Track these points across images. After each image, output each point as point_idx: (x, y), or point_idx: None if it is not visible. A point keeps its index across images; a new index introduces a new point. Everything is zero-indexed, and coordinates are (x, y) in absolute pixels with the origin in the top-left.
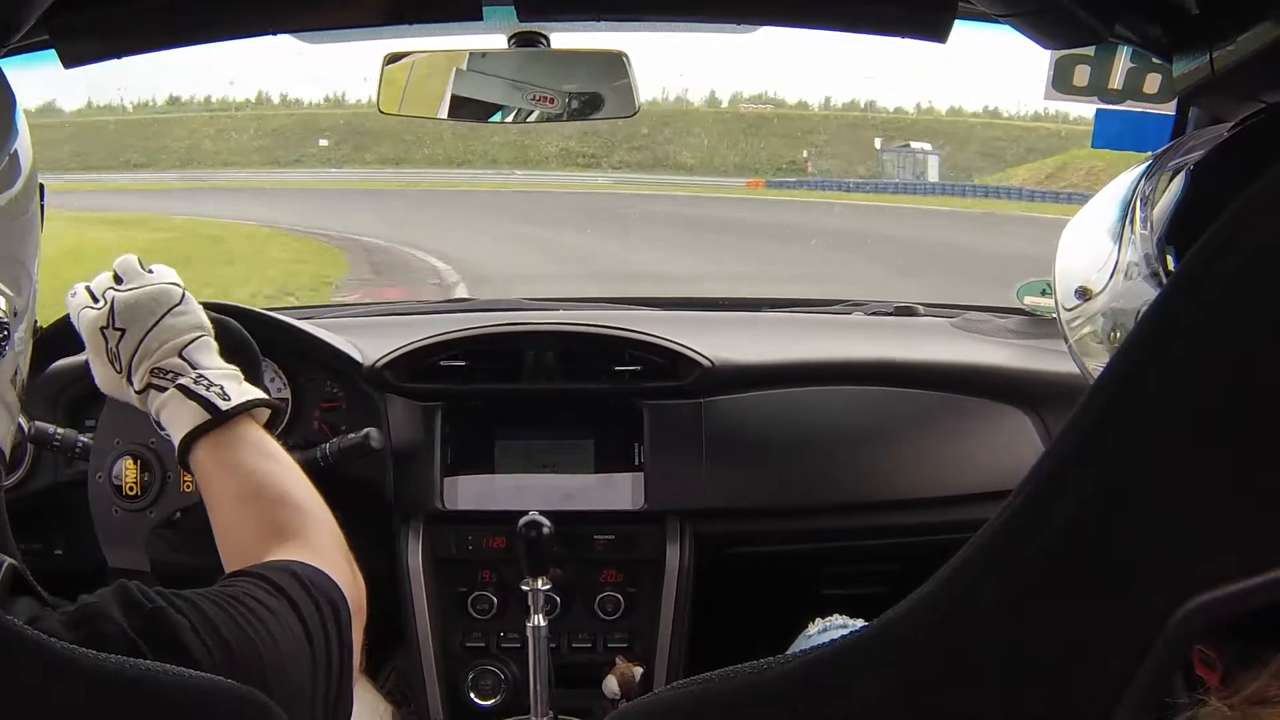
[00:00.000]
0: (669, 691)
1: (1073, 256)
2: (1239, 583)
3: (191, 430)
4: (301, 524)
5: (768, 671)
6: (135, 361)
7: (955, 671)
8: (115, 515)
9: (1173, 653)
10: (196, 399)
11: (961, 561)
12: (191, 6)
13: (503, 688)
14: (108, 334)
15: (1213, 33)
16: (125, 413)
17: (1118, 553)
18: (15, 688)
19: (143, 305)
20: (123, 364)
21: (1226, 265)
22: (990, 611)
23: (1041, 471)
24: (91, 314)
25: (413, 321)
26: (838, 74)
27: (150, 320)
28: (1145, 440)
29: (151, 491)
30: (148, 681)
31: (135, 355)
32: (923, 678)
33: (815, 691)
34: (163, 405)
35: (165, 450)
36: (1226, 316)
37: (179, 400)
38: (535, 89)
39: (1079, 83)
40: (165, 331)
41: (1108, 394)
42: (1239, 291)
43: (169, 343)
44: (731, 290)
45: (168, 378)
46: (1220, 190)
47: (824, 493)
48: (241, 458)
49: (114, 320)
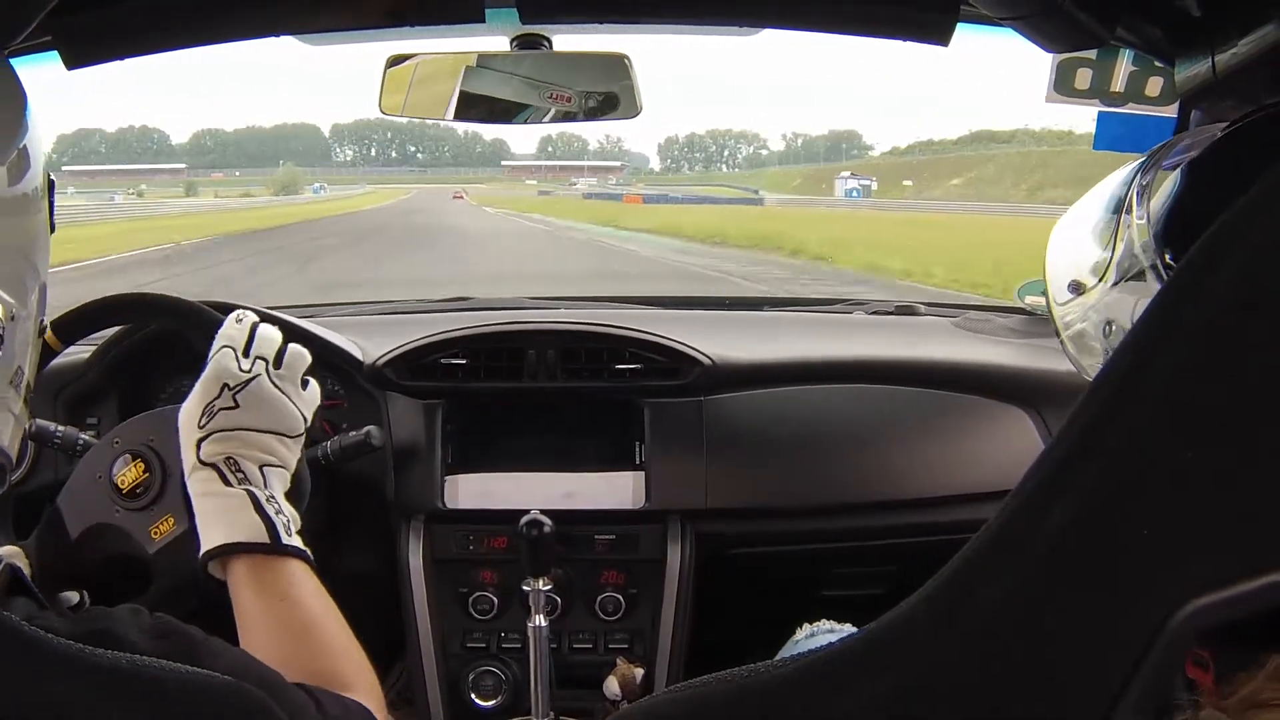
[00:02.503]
0: (666, 695)
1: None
2: (1239, 585)
3: (242, 542)
4: (348, 673)
5: (764, 675)
6: (222, 435)
7: (953, 674)
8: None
9: (1172, 655)
10: (263, 516)
11: (960, 563)
12: (194, 8)
13: (503, 688)
14: (225, 391)
15: (1214, 36)
16: (126, 411)
17: (1117, 555)
18: (14, 683)
19: (269, 410)
20: (210, 426)
21: (1229, 264)
22: (989, 613)
23: (1040, 472)
24: (230, 365)
25: (414, 320)
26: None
27: (263, 425)
28: (1145, 441)
29: (152, 491)
30: (146, 677)
31: (227, 431)
32: (921, 680)
33: (813, 694)
34: (216, 496)
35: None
36: (1228, 316)
37: (242, 506)
38: (552, 87)
39: (1081, 86)
40: (265, 443)
41: (1107, 393)
42: (1241, 291)
43: (261, 454)
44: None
45: (238, 476)
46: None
47: (825, 492)
48: (291, 591)
49: (239, 389)
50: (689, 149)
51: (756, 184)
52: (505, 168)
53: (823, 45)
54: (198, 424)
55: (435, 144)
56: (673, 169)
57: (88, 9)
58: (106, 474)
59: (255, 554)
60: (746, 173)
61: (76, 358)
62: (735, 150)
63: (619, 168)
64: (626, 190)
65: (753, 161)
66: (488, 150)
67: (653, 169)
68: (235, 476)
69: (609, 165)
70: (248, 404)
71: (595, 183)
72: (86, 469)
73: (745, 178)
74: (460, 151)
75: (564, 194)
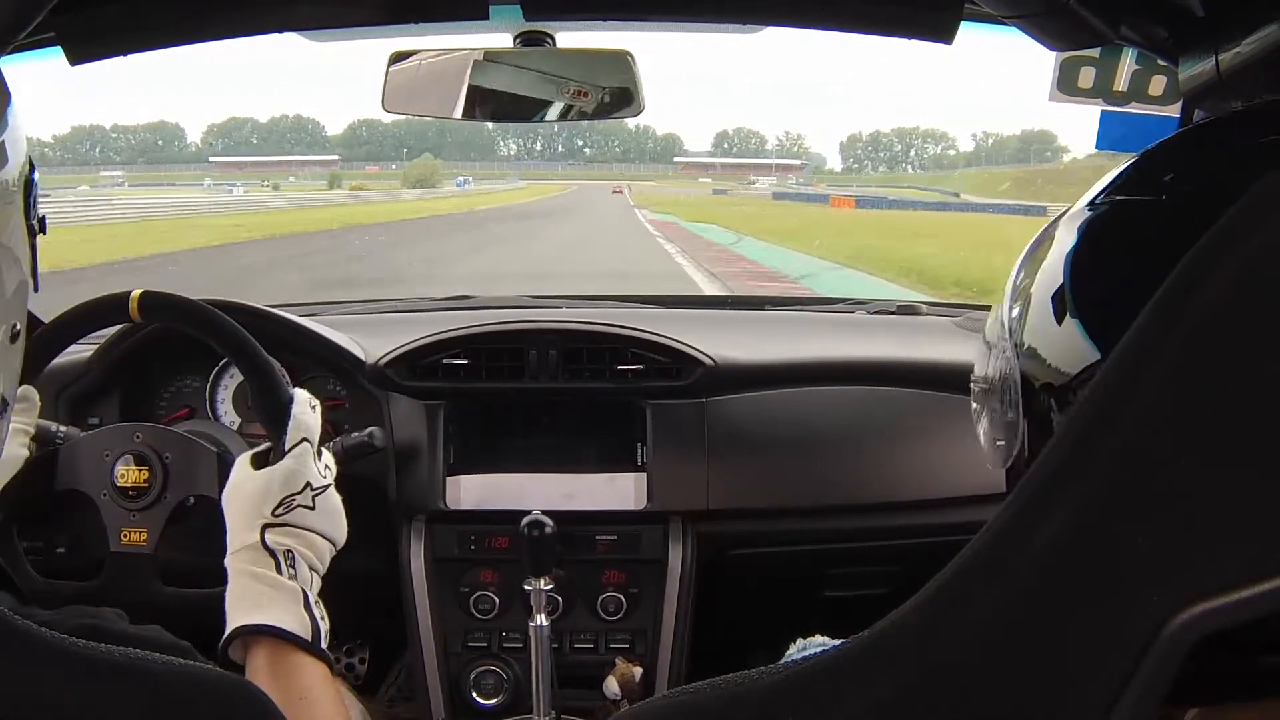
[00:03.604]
0: (658, 701)
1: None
2: (1235, 593)
3: (287, 631)
4: None
5: (757, 681)
6: (292, 531)
7: (947, 681)
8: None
9: (1167, 663)
10: (310, 615)
11: (954, 570)
12: (197, 4)
13: (505, 688)
14: (307, 490)
15: (1218, 35)
16: (127, 411)
17: (1111, 562)
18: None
19: (336, 520)
20: (286, 518)
21: (1226, 268)
22: (983, 621)
23: (1034, 481)
24: (312, 466)
25: (415, 319)
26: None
27: (328, 533)
28: (1140, 447)
29: (143, 499)
30: (139, 669)
31: (298, 529)
32: (915, 688)
33: (807, 701)
34: (267, 582)
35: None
36: (1225, 321)
37: (291, 598)
38: (571, 82)
39: (1084, 84)
40: (323, 550)
41: (1101, 399)
42: (1238, 295)
43: (315, 559)
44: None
45: (291, 570)
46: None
47: (827, 493)
48: (312, 692)
49: (320, 494)
50: (873, 148)
51: (950, 186)
52: (678, 164)
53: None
54: (272, 511)
55: (604, 139)
56: (855, 169)
57: (91, 5)
58: (113, 459)
59: (289, 645)
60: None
61: (77, 357)
62: (922, 150)
63: (799, 166)
64: (832, 191)
65: (938, 162)
66: (659, 145)
67: (832, 169)
68: (289, 571)
69: (789, 163)
70: (323, 510)
71: (775, 181)
72: (99, 442)
73: (934, 179)
74: (630, 147)
75: (743, 193)
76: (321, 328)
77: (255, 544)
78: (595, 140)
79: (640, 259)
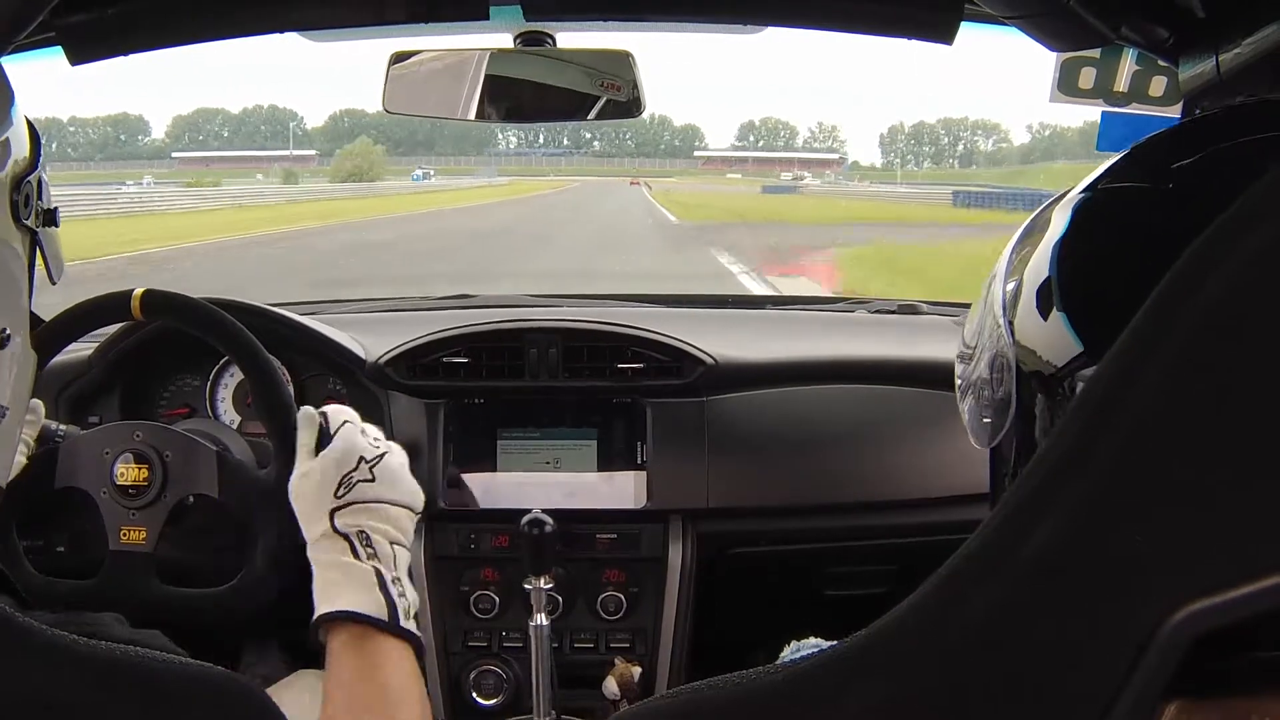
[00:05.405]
0: (661, 700)
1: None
2: (1232, 591)
3: (357, 613)
4: None
5: (756, 681)
6: (359, 508)
7: (944, 682)
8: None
9: (1164, 662)
10: (386, 595)
11: (951, 569)
12: (198, 4)
13: (505, 687)
14: (361, 464)
15: (1219, 36)
16: (128, 410)
17: (1108, 561)
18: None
19: (403, 485)
20: (348, 497)
21: (1227, 266)
22: (979, 620)
23: (1029, 482)
24: (360, 440)
25: (415, 318)
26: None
27: (397, 499)
28: (1137, 445)
29: (142, 498)
30: (141, 668)
31: (364, 503)
32: (911, 688)
33: (804, 701)
34: (345, 567)
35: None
36: (1225, 319)
37: (367, 582)
38: (604, 75)
39: (1084, 85)
40: (398, 518)
41: (1099, 397)
42: (1239, 293)
43: (393, 530)
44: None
45: (368, 551)
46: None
47: (827, 492)
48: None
49: (375, 464)
50: (915, 140)
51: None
52: (699, 159)
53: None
54: (334, 494)
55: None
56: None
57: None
58: (113, 457)
59: (366, 627)
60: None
61: (77, 356)
62: (972, 143)
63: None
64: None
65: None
66: (677, 138)
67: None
68: (365, 551)
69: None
70: (383, 478)
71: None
72: (99, 440)
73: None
74: (645, 140)
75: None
76: (322, 326)
77: (327, 531)
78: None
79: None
